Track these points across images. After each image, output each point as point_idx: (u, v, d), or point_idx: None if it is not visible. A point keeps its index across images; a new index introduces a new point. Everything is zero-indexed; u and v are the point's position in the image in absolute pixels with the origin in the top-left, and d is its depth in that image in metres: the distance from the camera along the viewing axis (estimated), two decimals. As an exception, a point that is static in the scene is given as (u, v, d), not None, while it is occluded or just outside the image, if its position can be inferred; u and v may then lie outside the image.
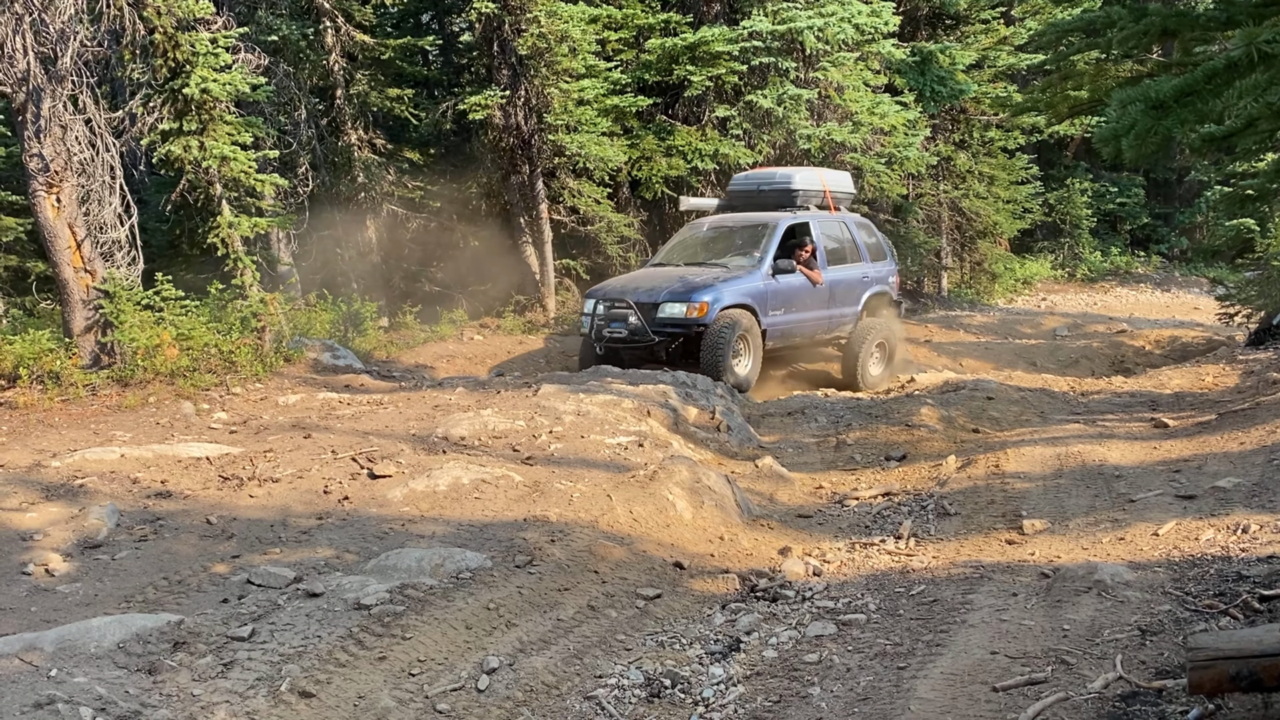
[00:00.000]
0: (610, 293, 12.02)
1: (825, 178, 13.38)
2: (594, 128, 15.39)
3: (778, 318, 11.90)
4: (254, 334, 10.71)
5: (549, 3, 14.79)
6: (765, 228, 12.30)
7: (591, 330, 11.78)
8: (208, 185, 10.79)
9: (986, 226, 22.10)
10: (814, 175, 13.35)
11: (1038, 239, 26.68)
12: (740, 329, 11.21)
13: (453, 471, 6.45)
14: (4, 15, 9.44)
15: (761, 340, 11.59)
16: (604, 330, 11.62)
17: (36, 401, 9.07)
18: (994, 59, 21.40)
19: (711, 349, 11.03)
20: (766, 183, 13.22)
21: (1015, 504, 6.35)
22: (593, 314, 11.82)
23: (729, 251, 12.36)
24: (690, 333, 11.25)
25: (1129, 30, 6.49)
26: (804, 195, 12.84)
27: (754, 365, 11.50)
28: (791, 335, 12.25)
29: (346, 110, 16.56)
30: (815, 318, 12.46)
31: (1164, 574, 4.82)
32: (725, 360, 10.98)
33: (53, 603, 4.77)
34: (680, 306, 11.29)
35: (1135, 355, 15.44)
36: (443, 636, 4.42)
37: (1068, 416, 9.58)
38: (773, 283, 11.80)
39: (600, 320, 11.70)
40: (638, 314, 11.40)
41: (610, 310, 11.70)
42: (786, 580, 5.43)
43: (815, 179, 13.21)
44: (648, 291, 11.63)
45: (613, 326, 11.60)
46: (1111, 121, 4.63)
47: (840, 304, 12.69)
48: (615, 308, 11.68)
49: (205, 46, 10.50)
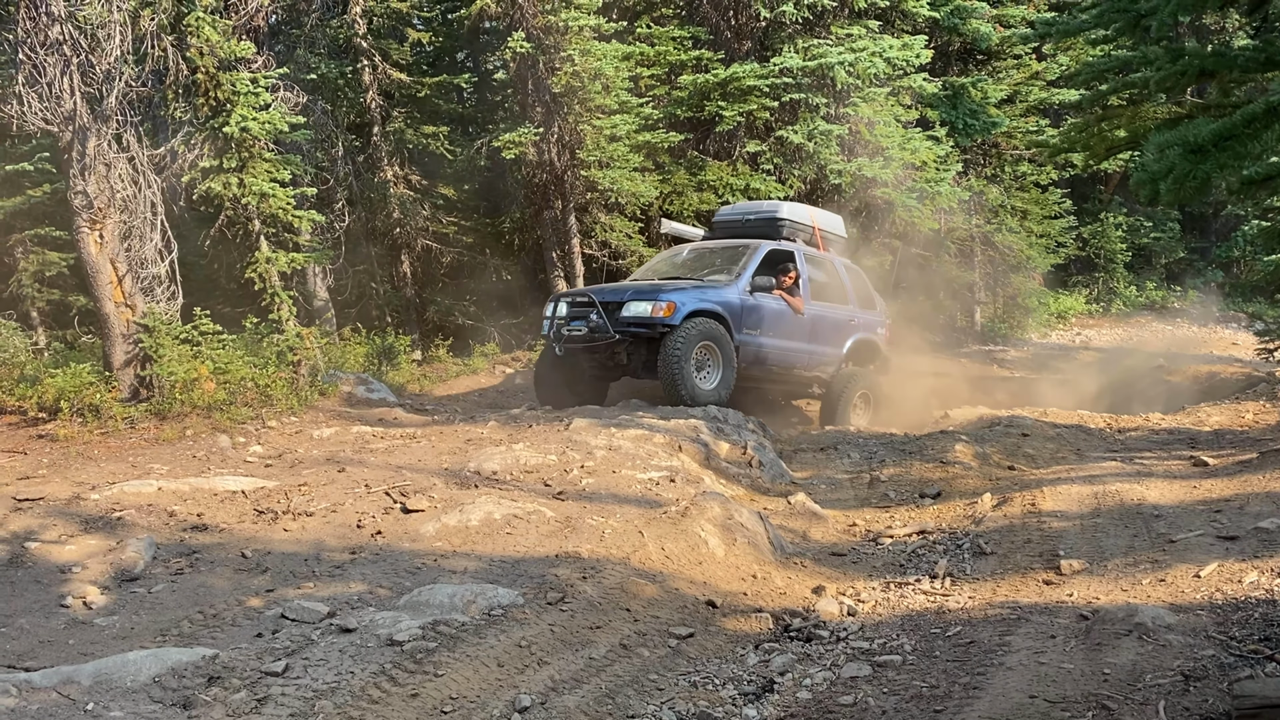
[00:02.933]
0: (574, 292, 11.59)
1: (815, 215, 12.85)
2: (626, 163, 15.51)
3: (752, 337, 11.06)
4: (290, 368, 10.83)
5: (583, 41, 14.96)
6: (746, 248, 11.67)
7: (551, 330, 11.09)
8: (246, 221, 10.98)
9: (1020, 261, 21.98)
10: (803, 210, 12.80)
11: (1072, 273, 26.50)
12: (707, 338, 10.40)
13: (485, 506, 6.47)
14: (53, 57, 9.69)
15: (733, 357, 10.74)
16: (563, 329, 10.91)
17: (76, 434, 9.20)
18: (1026, 94, 21.37)
19: (670, 356, 10.17)
20: (753, 213, 12.66)
21: (1052, 543, 6.26)
22: (553, 315, 11.15)
23: (707, 270, 11.68)
24: (655, 333, 10.42)
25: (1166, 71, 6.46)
26: (790, 227, 12.19)
27: (722, 383, 10.60)
28: (766, 361, 11.35)
29: (382, 147, 16.81)
30: (794, 349, 11.64)
31: (1207, 617, 4.73)
32: (685, 370, 10.18)
33: (90, 635, 4.81)
34: (645, 305, 10.50)
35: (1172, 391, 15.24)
36: (475, 674, 4.41)
37: (1105, 454, 9.46)
38: (749, 299, 11.05)
39: (560, 319, 11.00)
40: (600, 312, 10.65)
41: (572, 308, 11.04)
42: (820, 620, 5.37)
43: (804, 213, 12.66)
44: (613, 291, 11.09)
45: (573, 325, 10.85)
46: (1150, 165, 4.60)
47: (822, 341, 11.97)
48: (577, 305, 11.01)
49: (246, 86, 10.71)
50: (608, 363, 10.94)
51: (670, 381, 10.23)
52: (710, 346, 10.50)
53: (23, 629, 4.84)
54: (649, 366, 10.61)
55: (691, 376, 10.30)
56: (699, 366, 10.44)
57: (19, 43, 9.82)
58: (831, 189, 16.65)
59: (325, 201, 15.52)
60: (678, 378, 10.16)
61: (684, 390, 10.19)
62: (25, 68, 9.77)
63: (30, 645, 4.64)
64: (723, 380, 10.62)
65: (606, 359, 10.89)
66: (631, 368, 10.81)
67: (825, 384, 12.02)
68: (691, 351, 10.27)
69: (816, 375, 12.01)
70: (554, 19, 14.80)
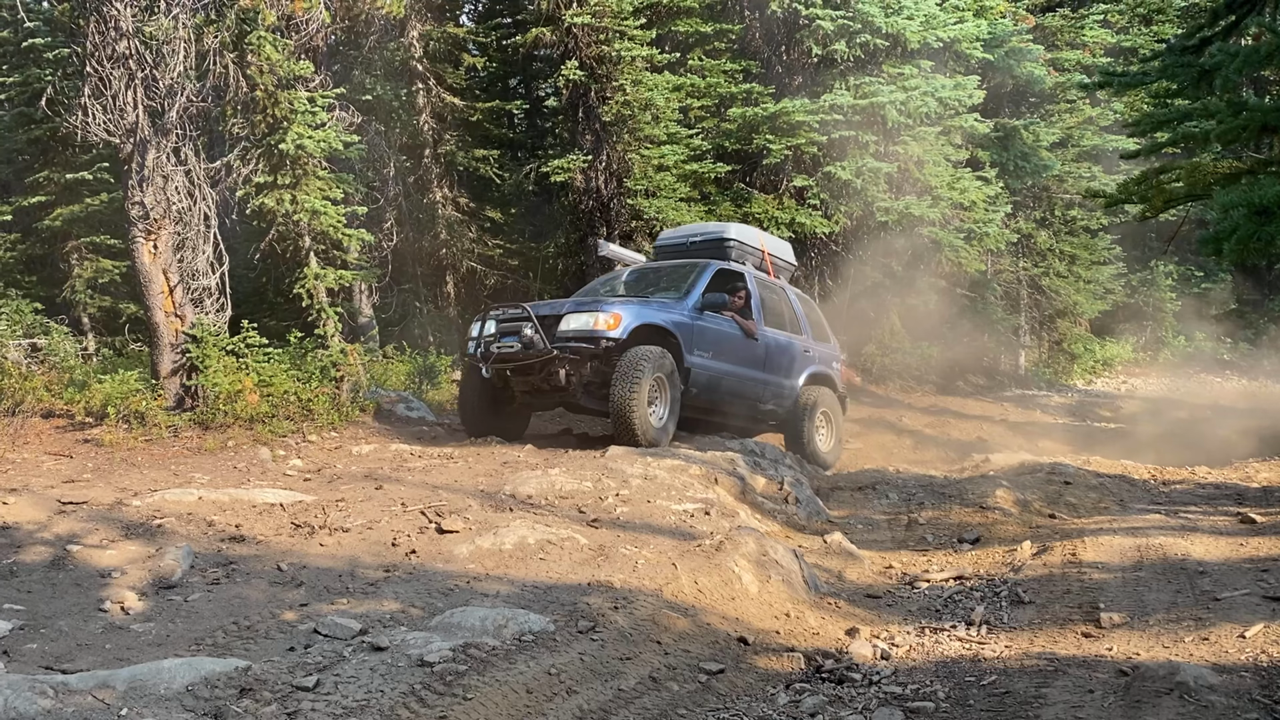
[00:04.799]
0: (505, 305, 10.65)
1: (764, 239, 12.03)
2: (673, 193, 15.59)
3: (704, 360, 10.01)
4: (332, 383, 10.95)
5: (635, 72, 15.09)
6: (694, 267, 10.69)
7: (478, 351, 9.86)
8: (297, 237, 11.15)
9: (1066, 306, 21.77)
10: (752, 233, 11.96)
11: (1119, 320, 26.17)
12: (660, 361, 9.30)
13: (519, 530, 6.47)
14: (118, 70, 9.94)
15: (684, 382, 9.72)
16: (492, 347, 9.72)
17: (121, 440, 9.35)
18: (1079, 138, 21.24)
19: (626, 379, 9.03)
20: (699, 234, 11.72)
21: (1092, 595, 6.14)
22: (480, 334, 9.95)
23: (652, 289, 10.74)
24: (598, 349, 9.34)
25: (1228, 124, 6.39)
26: (739, 249, 11.32)
27: (671, 416, 9.53)
28: (718, 388, 10.32)
29: (433, 169, 17.04)
30: (748, 376, 10.66)
31: (1251, 679, 4.60)
32: (640, 395, 9.05)
33: (126, 641, 4.86)
34: (587, 317, 9.41)
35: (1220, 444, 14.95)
36: (503, 699, 4.39)
37: (1148, 506, 9.29)
38: (699, 319, 10.09)
39: (489, 338, 9.81)
40: (536, 326, 9.49)
41: (502, 324, 9.84)
42: (853, 662, 5.30)
43: (753, 236, 11.82)
44: (549, 304, 10.07)
45: (504, 341, 9.67)
46: (1214, 224, 4.55)
47: (777, 371, 11.06)
48: (507, 320, 9.84)
49: (303, 104, 10.92)
50: (543, 385, 9.67)
51: (623, 413, 9.02)
52: (660, 379, 9.36)
53: (61, 631, 4.90)
54: (590, 391, 9.61)
55: (645, 407, 9.13)
56: (649, 400, 9.28)
57: (87, 55, 10.10)
58: (878, 226, 16.60)
59: (374, 220, 15.74)
60: (632, 404, 8.98)
61: (638, 423, 9.02)
62: (92, 80, 10.04)
63: (68, 648, 4.70)
64: (671, 413, 9.55)
65: (541, 380, 9.61)
66: (570, 390, 9.60)
67: (779, 417, 11.27)
68: (649, 374, 9.11)
69: (771, 409, 11.15)
70: (607, 49, 14.97)
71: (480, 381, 10.03)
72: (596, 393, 9.57)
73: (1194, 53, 7.55)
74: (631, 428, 9.05)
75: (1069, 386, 21.70)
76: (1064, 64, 21.16)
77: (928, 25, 16.60)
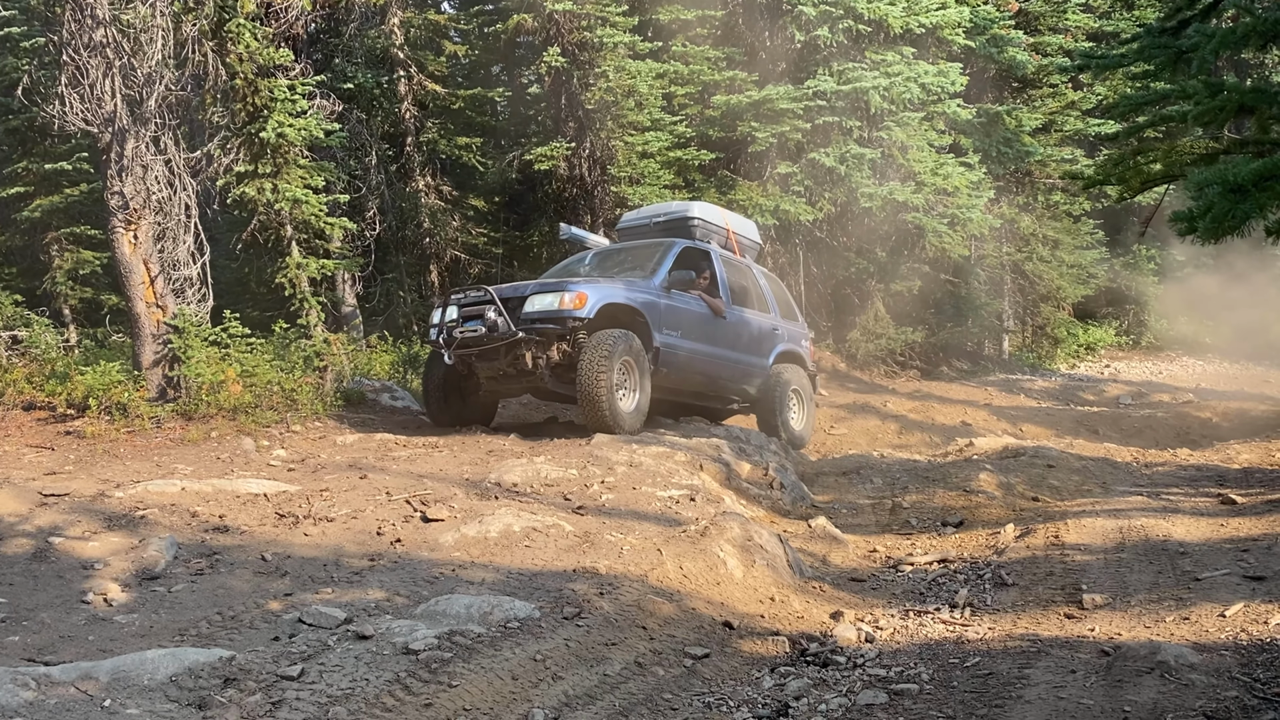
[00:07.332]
0: (466, 287, 10.57)
1: (729, 217, 11.89)
2: (656, 180, 15.56)
3: (673, 339, 9.84)
4: (316, 373, 10.91)
5: (617, 58, 15.05)
6: (659, 246, 10.57)
7: (440, 336, 9.68)
8: (279, 226, 11.09)
9: (1049, 290, 21.85)
10: (716, 211, 11.77)
11: (1102, 305, 26.28)
12: (628, 341, 9.16)
13: (504, 518, 6.47)
14: (96, 59, 9.84)
15: (653, 363, 9.58)
16: (455, 331, 9.54)
17: (103, 432, 9.29)
18: (1061, 123, 21.30)
19: (593, 361, 8.87)
20: (662, 214, 11.58)
21: (1075, 577, 6.19)
22: (442, 320, 9.75)
23: (617, 269, 10.55)
24: (565, 330, 9.18)
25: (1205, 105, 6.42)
26: (703, 227, 11.14)
27: (640, 396, 9.38)
28: (689, 369, 10.16)
29: (415, 157, 16.96)
30: (718, 356, 10.52)
31: (1231, 658, 4.65)
32: (608, 377, 8.89)
33: (110, 632, 4.84)
34: (551, 298, 9.22)
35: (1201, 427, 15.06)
36: (489, 686, 4.40)
37: (1131, 488, 9.35)
38: (667, 297, 9.94)
39: (451, 323, 9.62)
40: (499, 308, 9.31)
41: (464, 307, 9.67)
42: (838, 645, 5.33)
43: (717, 214, 11.63)
44: (512, 286, 9.92)
45: (467, 325, 9.49)
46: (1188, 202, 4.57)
47: (747, 350, 10.93)
48: (470, 304, 9.67)
49: (283, 93, 10.84)
50: (509, 369, 9.48)
51: (591, 396, 8.88)
52: (628, 361, 9.21)
53: (44, 623, 4.88)
54: (558, 375, 9.39)
55: (614, 390, 8.96)
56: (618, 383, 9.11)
57: (63, 44, 9.99)
58: (862, 212, 16.62)
59: (357, 209, 15.66)
60: (599, 390, 8.81)
61: (606, 406, 8.87)
62: (69, 69, 9.94)
63: (51, 639, 4.68)
64: (641, 395, 9.39)
65: (507, 364, 9.43)
66: (537, 374, 9.40)
67: (751, 397, 11.16)
68: (618, 354, 8.96)
69: (743, 388, 11.05)
70: (589, 35, 14.92)
71: (444, 369, 9.76)
72: (564, 376, 9.37)
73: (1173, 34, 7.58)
74: (600, 411, 8.91)
75: (1053, 371, 21.80)
76: (1046, 48, 21.19)
77: (910, 11, 16.60)
